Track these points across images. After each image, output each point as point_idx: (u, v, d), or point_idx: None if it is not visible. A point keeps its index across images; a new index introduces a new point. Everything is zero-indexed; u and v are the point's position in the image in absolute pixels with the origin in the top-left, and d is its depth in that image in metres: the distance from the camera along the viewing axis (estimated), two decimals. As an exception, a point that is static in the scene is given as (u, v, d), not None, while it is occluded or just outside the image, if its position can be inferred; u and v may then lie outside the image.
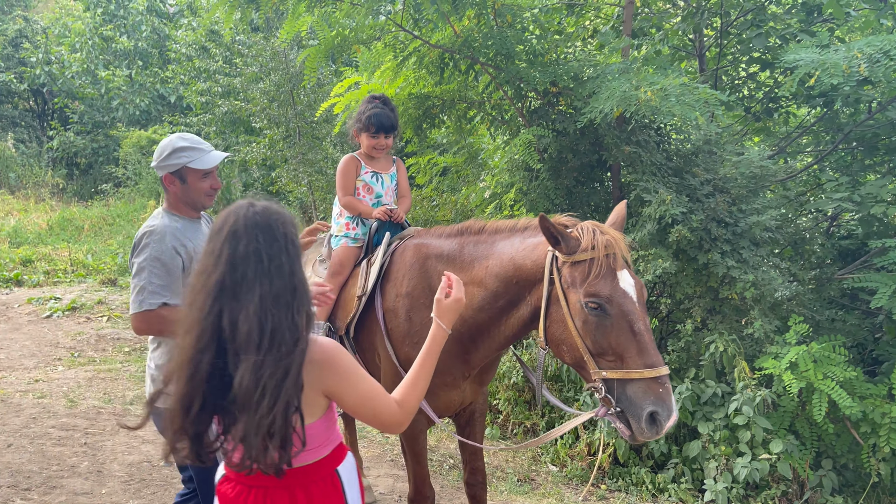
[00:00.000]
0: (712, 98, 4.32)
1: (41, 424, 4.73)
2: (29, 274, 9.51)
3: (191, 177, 2.76)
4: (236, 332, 1.66)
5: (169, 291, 2.65)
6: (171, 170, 2.74)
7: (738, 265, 4.61)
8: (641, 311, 2.32)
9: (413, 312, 2.93)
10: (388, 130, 3.47)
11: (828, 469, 4.43)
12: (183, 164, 2.72)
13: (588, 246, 2.35)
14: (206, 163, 2.77)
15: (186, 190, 2.78)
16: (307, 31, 5.86)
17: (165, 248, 2.64)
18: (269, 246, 1.72)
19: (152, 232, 2.68)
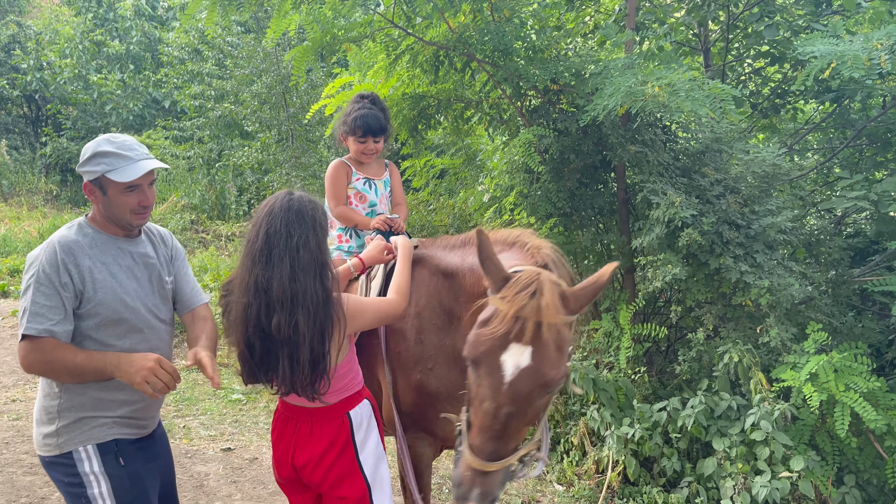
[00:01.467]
0: (723, 93, 4.05)
1: (13, 450, 4.47)
2: (16, 285, 9.24)
3: (111, 189, 2.34)
4: (270, 291, 2.17)
5: (58, 316, 2.23)
6: (90, 177, 2.35)
7: (751, 270, 4.34)
8: (506, 396, 1.90)
9: (425, 335, 2.67)
10: (376, 133, 3.17)
11: (850, 485, 4.16)
12: (101, 172, 2.32)
13: (506, 297, 1.97)
14: (128, 174, 2.31)
15: (108, 203, 2.38)
16: (296, 31, 5.60)
17: (55, 263, 2.25)
18: (298, 226, 2.19)
19: (48, 244, 2.31)
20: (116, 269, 2.40)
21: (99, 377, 2.28)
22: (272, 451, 2.51)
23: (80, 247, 2.33)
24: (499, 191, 5.41)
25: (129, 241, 2.48)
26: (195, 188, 13.90)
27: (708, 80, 4.17)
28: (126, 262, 2.44)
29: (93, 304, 2.29)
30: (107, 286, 2.33)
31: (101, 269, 2.35)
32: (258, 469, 4.48)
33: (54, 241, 2.31)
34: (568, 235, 5.09)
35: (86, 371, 2.24)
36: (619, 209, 5.29)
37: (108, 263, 2.39)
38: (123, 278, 2.39)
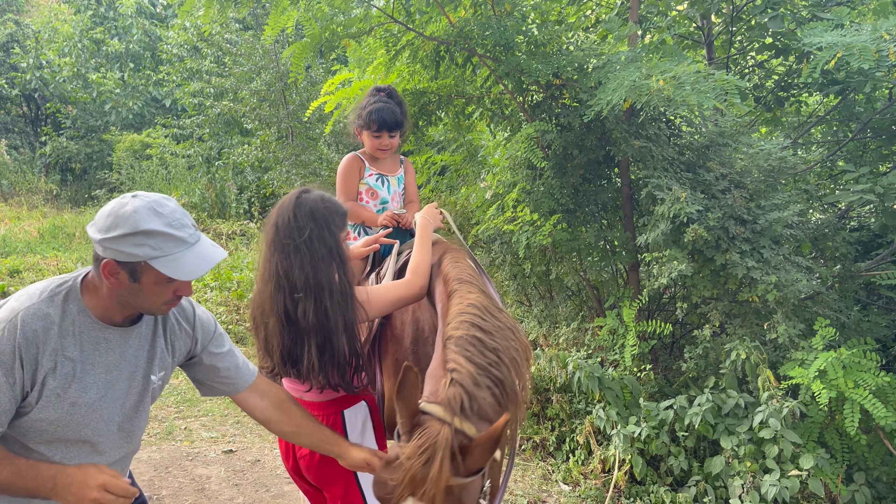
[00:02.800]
0: (729, 85, 3.98)
1: (13, 454, 4.42)
2: (15, 285, 9.19)
3: (149, 277, 1.78)
4: (291, 279, 2.18)
5: None
6: (123, 258, 1.74)
7: (758, 265, 4.28)
8: None
9: (419, 346, 2.52)
10: (392, 128, 3.07)
11: (860, 483, 4.11)
12: (143, 258, 1.74)
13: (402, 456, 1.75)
14: (187, 269, 1.77)
15: (134, 292, 1.81)
16: (294, 28, 5.53)
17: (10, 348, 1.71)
18: (310, 222, 2.21)
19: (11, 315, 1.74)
20: (88, 370, 1.84)
21: (29, 496, 1.78)
22: (279, 441, 2.51)
23: (48, 333, 1.76)
24: (501, 187, 5.35)
25: (121, 331, 1.91)
26: (195, 187, 13.85)
27: (713, 71, 4.11)
28: (106, 359, 1.88)
29: (35, 410, 1.77)
30: (60, 401, 1.79)
31: (63, 374, 1.79)
32: (260, 472, 4.44)
33: (19, 314, 1.74)
34: (572, 232, 5.03)
35: (13, 489, 1.74)
36: (623, 205, 5.23)
37: (79, 362, 1.82)
38: (91, 387, 1.84)
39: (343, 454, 2.14)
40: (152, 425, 5.12)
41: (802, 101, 6.27)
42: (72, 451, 1.86)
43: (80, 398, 1.82)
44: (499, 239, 5.56)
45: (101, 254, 1.77)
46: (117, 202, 1.78)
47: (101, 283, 1.82)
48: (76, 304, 1.82)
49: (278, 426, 2.17)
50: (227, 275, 8.84)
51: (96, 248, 1.78)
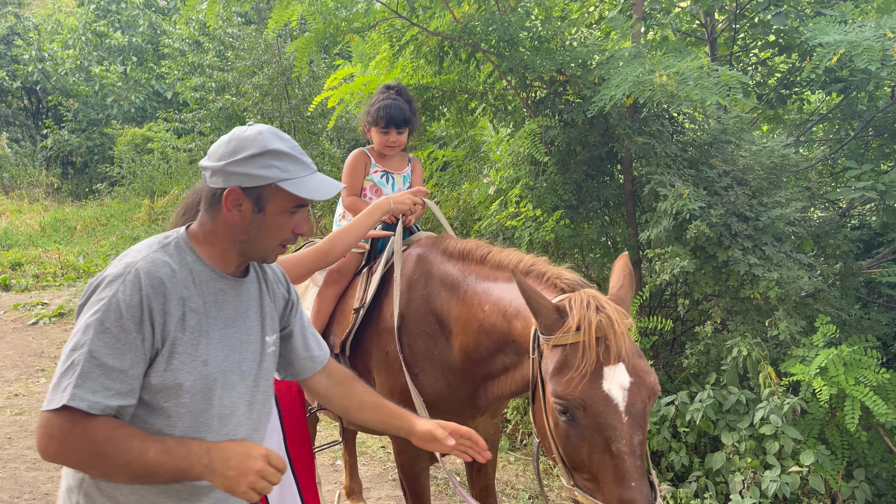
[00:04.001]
0: (733, 81, 3.99)
1: (17, 445, 4.44)
2: (17, 278, 9.22)
3: (275, 205, 1.65)
4: None
5: (124, 385, 1.50)
6: (250, 182, 1.61)
7: (760, 262, 4.29)
8: (630, 425, 1.73)
9: (411, 338, 2.57)
10: (400, 125, 3.08)
11: (860, 479, 4.13)
12: (272, 179, 1.61)
13: (573, 327, 1.77)
14: (315, 189, 1.66)
15: (256, 225, 1.66)
16: (298, 23, 5.54)
17: (136, 303, 1.51)
18: None
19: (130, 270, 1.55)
20: (212, 324, 1.66)
21: (176, 479, 1.56)
22: None
23: (175, 284, 1.59)
24: (504, 183, 5.36)
25: (235, 282, 1.75)
26: (196, 181, 13.88)
27: (717, 67, 4.11)
28: (225, 312, 1.70)
29: (169, 373, 1.57)
30: (193, 360, 1.61)
31: (191, 327, 1.61)
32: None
33: (138, 265, 1.56)
34: (574, 228, 5.04)
35: (159, 471, 1.51)
36: (626, 201, 5.24)
37: (203, 314, 1.65)
38: (217, 343, 1.67)
39: (410, 428, 2.02)
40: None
41: (805, 99, 6.28)
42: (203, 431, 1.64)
43: (211, 355, 1.64)
44: (501, 234, 5.57)
45: (223, 183, 1.62)
46: (235, 131, 1.68)
47: (216, 225, 1.68)
48: (190, 254, 1.67)
49: (340, 402, 2.03)
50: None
51: (215, 181, 1.64)
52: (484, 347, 2.31)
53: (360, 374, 2.81)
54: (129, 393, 1.51)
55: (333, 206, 9.69)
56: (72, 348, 1.49)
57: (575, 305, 1.82)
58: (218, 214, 1.66)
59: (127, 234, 11.74)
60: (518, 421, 5.10)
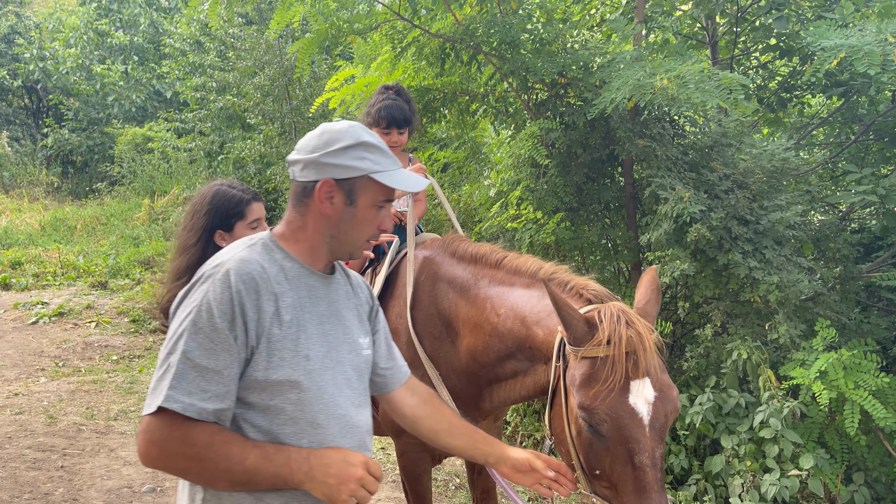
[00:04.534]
0: (734, 84, 3.99)
1: (16, 445, 4.44)
2: (17, 277, 9.22)
3: (365, 198, 1.65)
4: None
5: (220, 387, 1.47)
6: (343, 174, 1.61)
7: (760, 266, 4.30)
8: (653, 438, 1.77)
9: (418, 339, 2.58)
10: (401, 125, 3.09)
11: (859, 483, 4.13)
12: (366, 171, 1.62)
13: (603, 340, 1.79)
14: (403, 182, 1.67)
15: (346, 219, 1.65)
16: (300, 23, 5.54)
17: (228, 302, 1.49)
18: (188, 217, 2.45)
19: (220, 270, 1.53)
20: (309, 319, 1.62)
21: (275, 486, 1.53)
22: None
23: (266, 280, 1.56)
24: (505, 185, 5.36)
25: (325, 279, 1.72)
26: (196, 181, 13.86)
27: (717, 71, 4.12)
28: (318, 309, 1.67)
29: (272, 370, 1.53)
30: (296, 356, 1.57)
31: (288, 322, 1.57)
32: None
33: (229, 265, 1.54)
34: (575, 230, 5.04)
35: (259, 478, 1.48)
36: (627, 204, 5.24)
37: (298, 308, 1.61)
38: (315, 334, 1.62)
39: (501, 455, 1.94)
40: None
41: (805, 103, 6.29)
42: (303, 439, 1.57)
43: (312, 350, 1.60)
44: (502, 236, 5.57)
45: (315, 175, 1.61)
46: (324, 125, 1.68)
47: (305, 220, 1.66)
48: (278, 251, 1.65)
49: (429, 424, 1.92)
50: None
51: (306, 174, 1.63)
52: (494, 351, 2.32)
53: None
54: (225, 395, 1.47)
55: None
56: (167, 352, 1.48)
57: (605, 319, 1.84)
58: (308, 209, 1.65)
59: (127, 234, 11.73)
60: (518, 423, 5.10)
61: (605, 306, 1.89)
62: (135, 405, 5.37)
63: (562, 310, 1.84)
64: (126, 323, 7.42)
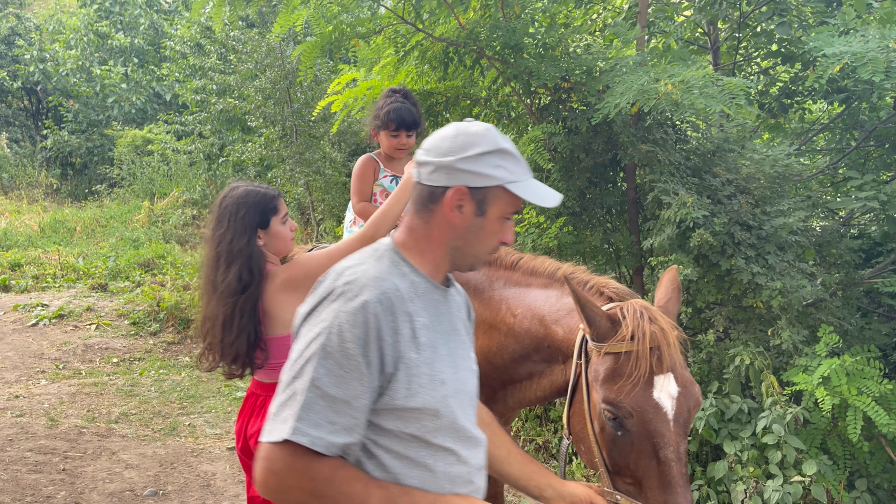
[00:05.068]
0: (737, 89, 4.00)
1: (17, 447, 4.43)
2: (17, 279, 9.20)
3: (496, 209, 1.52)
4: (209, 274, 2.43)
5: (350, 419, 1.36)
6: (477, 182, 1.48)
7: (763, 271, 4.30)
8: (677, 433, 1.77)
9: None
10: (409, 127, 3.10)
11: (862, 490, 4.13)
12: (501, 180, 1.50)
13: (627, 336, 1.80)
14: (538, 195, 1.53)
15: (476, 229, 1.53)
16: (302, 27, 5.54)
17: (363, 326, 1.35)
18: (224, 221, 2.38)
19: (355, 286, 1.40)
20: (439, 339, 1.51)
21: None
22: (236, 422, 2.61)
23: (401, 300, 1.43)
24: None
25: (445, 292, 1.60)
26: (196, 183, 13.86)
27: (721, 76, 4.12)
28: (444, 325, 1.56)
29: (411, 398, 1.42)
30: (433, 381, 1.45)
31: (423, 343, 1.45)
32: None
33: (362, 282, 1.41)
34: (577, 235, 5.05)
35: None
36: (629, 209, 5.24)
37: (430, 329, 1.49)
38: (445, 355, 1.51)
39: (559, 490, 1.82)
40: (156, 420, 5.14)
41: (806, 109, 6.30)
42: (439, 462, 1.48)
43: (445, 373, 1.48)
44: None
45: (447, 180, 1.48)
46: (457, 126, 1.54)
47: (430, 229, 1.52)
48: (405, 264, 1.51)
49: (490, 449, 1.76)
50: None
51: (436, 178, 1.49)
52: (508, 352, 2.32)
53: None
54: (353, 428, 1.36)
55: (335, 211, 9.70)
56: (293, 376, 1.36)
57: (628, 315, 1.85)
58: (433, 216, 1.52)
59: (127, 236, 11.72)
60: (519, 428, 5.09)
61: (627, 303, 1.91)
62: (135, 408, 5.36)
63: (585, 306, 1.85)
64: (126, 325, 7.40)
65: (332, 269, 1.49)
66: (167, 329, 7.34)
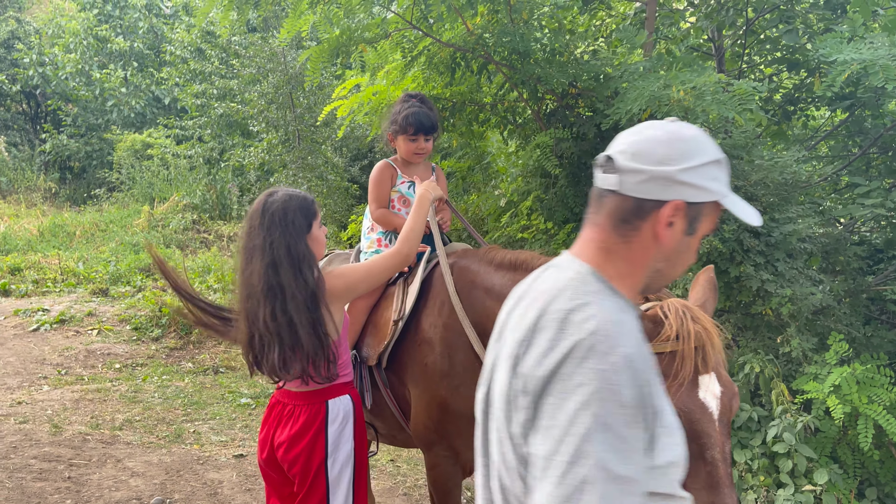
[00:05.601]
0: (748, 94, 3.99)
1: (22, 455, 4.38)
2: (17, 283, 9.14)
3: (705, 225, 1.35)
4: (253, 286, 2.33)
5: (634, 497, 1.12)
6: (696, 197, 1.29)
7: (773, 278, 4.28)
8: (722, 433, 1.74)
9: (453, 350, 2.55)
10: (428, 131, 3.08)
11: (872, 499, 4.11)
12: (719, 196, 1.32)
13: (672, 335, 1.77)
14: (743, 210, 1.36)
15: (682, 249, 1.35)
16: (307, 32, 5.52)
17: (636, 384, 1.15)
18: (273, 227, 2.33)
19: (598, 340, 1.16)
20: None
21: None
22: (259, 431, 2.57)
23: (638, 339, 1.23)
24: (515, 195, 5.34)
25: None
26: (196, 188, 13.81)
27: (731, 81, 4.12)
28: None
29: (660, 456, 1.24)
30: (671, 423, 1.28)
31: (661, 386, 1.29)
32: (270, 476, 4.41)
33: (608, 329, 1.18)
34: (584, 241, 5.02)
35: None
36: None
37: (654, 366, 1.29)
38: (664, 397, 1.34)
39: None
40: (160, 427, 5.09)
41: (810, 115, 6.30)
42: None
43: (672, 415, 1.31)
44: (509, 247, 5.55)
45: (661, 193, 1.27)
46: (664, 128, 1.33)
47: (631, 249, 1.32)
48: (619, 295, 1.31)
49: None
50: (230, 277, 8.83)
51: (646, 189, 1.27)
52: None
53: (394, 386, 2.80)
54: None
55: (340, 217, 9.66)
56: (569, 461, 1.11)
57: (670, 315, 1.81)
58: (637, 235, 1.31)
59: (127, 241, 11.65)
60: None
61: (666, 302, 1.86)
62: (139, 414, 5.32)
63: None
64: (128, 331, 7.35)
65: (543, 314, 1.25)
66: (169, 334, 7.29)
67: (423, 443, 2.70)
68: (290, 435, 2.43)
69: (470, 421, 2.52)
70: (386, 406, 2.86)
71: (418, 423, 2.67)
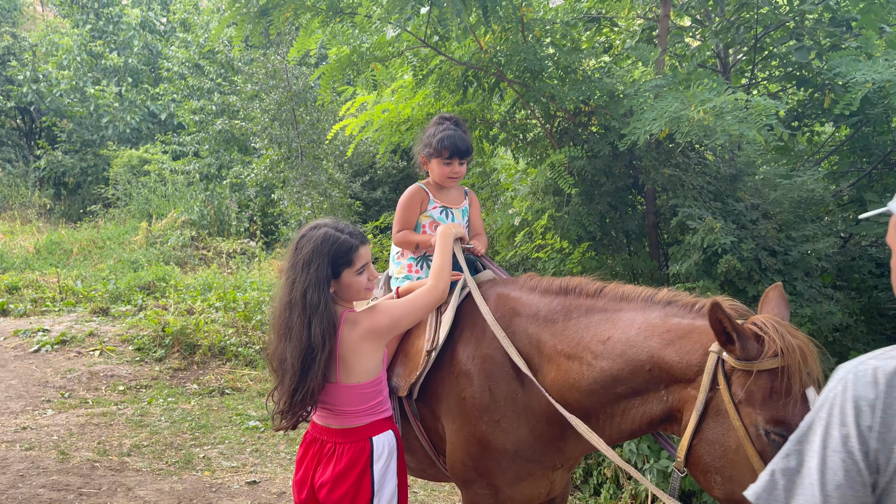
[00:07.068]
0: (767, 110, 3.95)
1: (30, 484, 4.27)
2: (15, 303, 9.01)
3: None
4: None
5: None
6: None
7: (792, 298, 4.24)
8: None
9: (494, 382, 2.46)
10: (462, 155, 3.02)
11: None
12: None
13: (777, 351, 1.78)
14: None
15: None
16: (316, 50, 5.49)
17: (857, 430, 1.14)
18: (297, 268, 2.33)
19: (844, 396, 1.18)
20: None
21: None
22: (295, 471, 2.49)
23: None
24: (529, 214, 5.29)
25: None
26: (193, 204, 13.72)
27: (750, 98, 4.09)
28: None
29: None
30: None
31: None
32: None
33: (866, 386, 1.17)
34: (599, 260, 4.98)
35: None
36: (649, 233, 5.19)
37: None
38: None
39: None
40: (169, 453, 4.99)
41: (815, 131, 6.29)
42: None
43: None
44: (522, 266, 5.50)
45: None
46: None
47: None
48: None
49: None
50: (232, 295, 8.72)
51: None
52: (587, 383, 2.23)
53: (426, 419, 2.72)
54: None
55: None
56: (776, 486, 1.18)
57: (769, 330, 1.84)
58: None
59: (125, 258, 11.55)
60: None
61: (756, 318, 1.89)
62: (147, 439, 5.21)
63: (733, 327, 1.83)
64: (131, 351, 7.24)
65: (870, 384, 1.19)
66: (173, 355, 7.18)
67: (460, 480, 2.62)
68: (333, 475, 2.35)
69: (512, 457, 2.44)
70: (415, 439, 2.78)
71: (455, 460, 2.58)
